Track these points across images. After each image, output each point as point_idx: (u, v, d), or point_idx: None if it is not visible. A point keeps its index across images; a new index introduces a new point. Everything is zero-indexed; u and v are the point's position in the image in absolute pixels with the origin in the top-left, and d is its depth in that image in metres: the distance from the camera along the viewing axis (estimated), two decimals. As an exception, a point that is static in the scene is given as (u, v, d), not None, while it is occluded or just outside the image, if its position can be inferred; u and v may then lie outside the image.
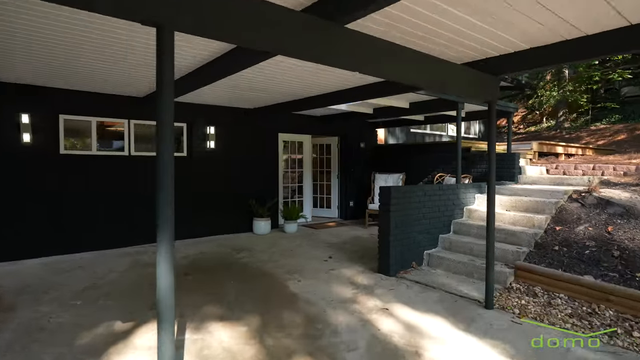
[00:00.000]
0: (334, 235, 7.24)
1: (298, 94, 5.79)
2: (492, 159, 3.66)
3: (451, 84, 3.26)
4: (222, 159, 7.14)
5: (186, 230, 6.74)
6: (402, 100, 6.32)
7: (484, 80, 3.47)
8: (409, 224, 4.85)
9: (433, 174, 8.08)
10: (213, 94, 6.02)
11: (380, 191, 4.77)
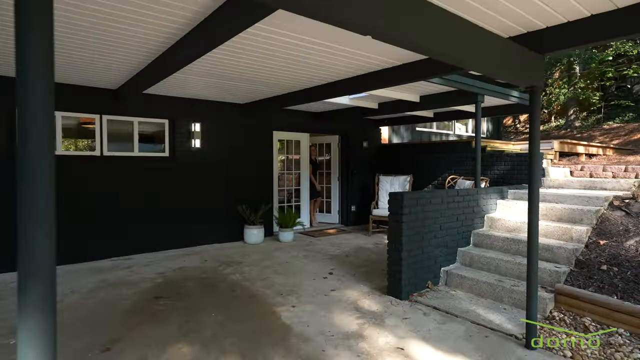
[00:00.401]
0: (335, 245, 6.49)
1: (295, 84, 5.04)
2: (536, 159, 2.90)
3: (493, 62, 2.52)
4: (210, 160, 6.39)
5: (168, 240, 5.99)
6: (411, 93, 5.57)
7: (529, 59, 2.72)
8: (423, 237, 4.10)
9: (444, 176, 7.34)
10: (198, 86, 5.27)
11: (390, 198, 4.02)
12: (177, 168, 6.07)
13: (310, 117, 7.70)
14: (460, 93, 5.15)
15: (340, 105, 6.77)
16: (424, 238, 4.11)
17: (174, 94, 5.80)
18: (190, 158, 6.19)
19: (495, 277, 3.98)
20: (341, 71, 4.21)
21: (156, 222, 5.88)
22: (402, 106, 6.06)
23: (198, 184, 6.28)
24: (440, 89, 5.21)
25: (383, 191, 7.74)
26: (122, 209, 5.57)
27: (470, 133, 13.07)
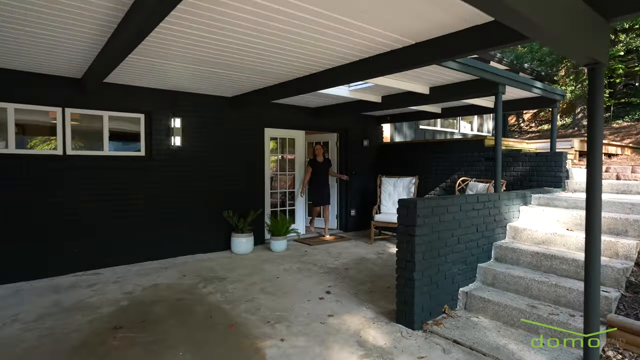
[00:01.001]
0: (333, 255, 5.80)
1: (288, 71, 4.34)
2: (597, 157, 2.22)
3: (559, 25, 1.82)
4: (192, 160, 5.69)
5: (144, 251, 5.28)
6: (421, 84, 4.88)
7: (595, 24, 2.04)
8: (439, 253, 3.41)
9: (453, 178, 6.66)
10: (177, 75, 4.58)
11: (399, 207, 3.33)
12: (154, 169, 5.36)
13: (306, 113, 7.01)
14: (477, 84, 4.47)
15: (339, 99, 6.08)
16: (440, 254, 3.42)
17: (150, 84, 5.10)
18: (169, 158, 5.49)
19: (526, 302, 3.29)
20: (342, 54, 3.52)
21: (130, 230, 5.17)
22: (409, 99, 5.37)
23: (179, 187, 5.58)
24: (455, 78, 4.53)
25: (386, 194, 7.05)
26: (89, 216, 4.86)
27: (476, 132, 12.42)
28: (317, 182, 7.08)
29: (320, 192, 7.10)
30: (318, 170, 7.06)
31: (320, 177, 7.07)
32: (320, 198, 7.12)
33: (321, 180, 7.09)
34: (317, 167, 7.07)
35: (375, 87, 5.18)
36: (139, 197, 5.24)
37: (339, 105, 6.56)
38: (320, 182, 7.09)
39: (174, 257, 5.56)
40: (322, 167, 7.10)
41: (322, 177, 7.09)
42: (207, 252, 5.87)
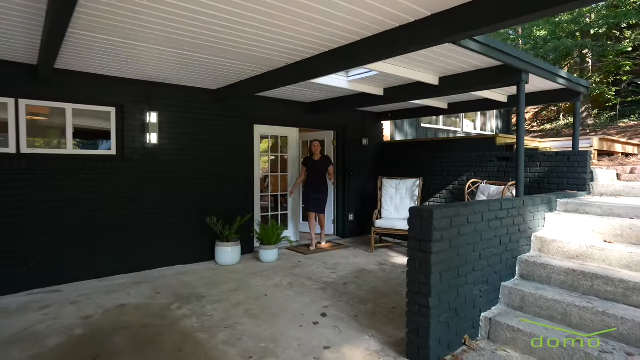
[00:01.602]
0: (329, 266, 5.18)
1: (278, 55, 3.73)
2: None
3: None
4: (171, 160, 5.05)
5: (115, 263, 4.64)
6: (429, 73, 4.28)
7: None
8: (459, 272, 2.82)
9: (461, 179, 6.06)
10: (153, 62, 3.97)
11: (411, 217, 2.72)
12: (127, 170, 4.72)
13: (300, 109, 6.39)
14: (497, 71, 3.87)
15: (337, 91, 5.47)
16: (460, 273, 2.82)
17: (122, 73, 4.46)
18: (145, 157, 4.85)
19: (565, 333, 2.70)
20: (345, 32, 2.91)
21: (98, 240, 4.53)
22: (415, 91, 4.76)
23: (156, 190, 4.94)
24: (470, 65, 3.93)
25: (387, 197, 6.45)
26: (49, 224, 4.22)
27: (479, 130, 11.86)
28: (312, 185, 6.10)
29: (314, 197, 6.08)
30: (313, 170, 6.11)
31: (315, 179, 6.09)
32: (313, 204, 6.09)
33: (316, 182, 6.08)
34: (312, 166, 6.11)
35: (378, 77, 4.58)
36: (109, 202, 4.60)
37: (336, 99, 5.95)
38: (315, 185, 6.08)
39: (150, 269, 4.92)
40: (318, 167, 6.09)
41: (318, 179, 6.09)
42: (188, 263, 5.24)
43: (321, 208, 6.17)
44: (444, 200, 6.29)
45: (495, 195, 5.22)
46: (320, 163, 6.15)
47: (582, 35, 14.52)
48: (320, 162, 6.15)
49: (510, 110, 12.84)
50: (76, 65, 4.08)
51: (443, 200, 6.31)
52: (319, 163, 6.14)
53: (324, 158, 6.21)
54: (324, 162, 6.17)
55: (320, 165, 6.14)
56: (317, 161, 6.14)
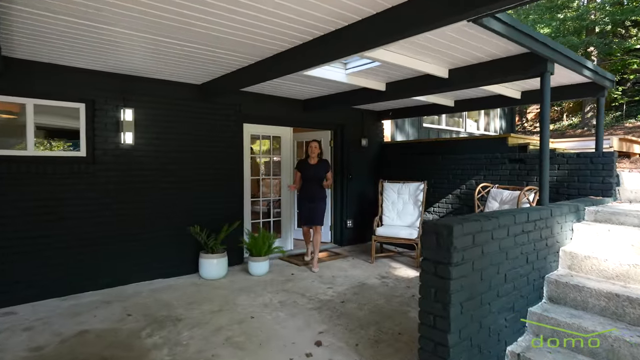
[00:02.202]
0: (325, 280, 4.67)
1: (269, 41, 3.23)
2: None
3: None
4: (149, 162, 4.54)
5: (83, 278, 4.12)
6: (438, 63, 3.78)
7: None
8: (482, 300, 2.31)
9: (469, 183, 5.57)
10: (128, 52, 3.48)
11: (424, 232, 2.21)
12: (98, 174, 4.20)
13: (294, 106, 5.89)
14: (518, 60, 3.37)
15: (334, 86, 4.97)
16: (483, 301, 2.32)
17: (93, 65, 3.95)
18: (119, 160, 4.33)
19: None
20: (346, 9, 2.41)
21: (64, 252, 4.01)
22: (421, 85, 4.27)
23: (131, 196, 4.42)
24: (486, 54, 3.43)
25: (388, 203, 5.95)
26: (6, 235, 3.70)
27: (482, 131, 11.39)
28: (306, 194, 5.14)
29: (309, 206, 5.13)
30: (309, 176, 5.12)
31: (311, 187, 5.11)
32: (308, 216, 5.16)
33: (312, 190, 5.10)
34: (307, 172, 5.13)
35: (380, 70, 4.08)
36: (77, 210, 4.08)
37: (333, 96, 5.45)
38: (310, 193, 5.11)
39: (125, 284, 4.40)
40: (315, 172, 5.09)
41: (314, 187, 5.11)
42: (169, 276, 4.71)
43: (317, 220, 5.14)
44: (450, 205, 5.79)
45: (509, 201, 4.72)
46: (317, 168, 5.15)
47: (587, 33, 14.09)
48: (318, 167, 5.15)
49: (514, 110, 12.39)
50: (37, 54, 3.57)
51: (449, 205, 5.81)
52: (315, 168, 5.14)
53: (321, 162, 5.19)
54: (321, 167, 5.17)
55: (317, 170, 5.14)
56: (314, 165, 5.14)
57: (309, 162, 5.19)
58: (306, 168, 5.18)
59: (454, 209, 5.76)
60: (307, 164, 5.20)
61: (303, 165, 5.24)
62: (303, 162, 5.26)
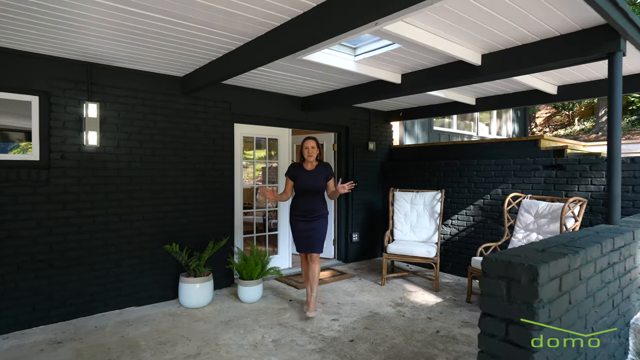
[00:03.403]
0: (330, 309, 3.91)
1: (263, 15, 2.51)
2: None
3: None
4: (119, 169, 3.80)
5: (35, 309, 3.35)
6: (469, 45, 3.06)
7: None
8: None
9: (494, 193, 4.83)
10: (92, 31, 2.74)
11: (486, 276, 1.46)
12: (54, 182, 3.46)
13: (293, 105, 5.16)
14: (580, 39, 2.64)
15: (338, 81, 4.25)
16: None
17: (48, 48, 3.24)
18: (81, 165, 3.59)
19: None
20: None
21: (11, 278, 3.26)
22: (445, 75, 3.54)
23: (97, 208, 3.68)
24: (537, 31, 2.71)
25: (400, 215, 5.20)
26: None
27: (495, 135, 10.67)
28: (301, 210, 3.73)
29: (305, 228, 3.70)
30: (304, 185, 3.70)
31: (308, 200, 3.72)
32: (304, 240, 3.73)
33: (309, 205, 3.71)
34: (302, 179, 3.70)
35: (396, 54, 3.34)
36: (28, 225, 3.33)
37: (337, 92, 4.73)
38: (306, 209, 3.71)
39: (89, 314, 3.64)
40: (312, 181, 3.70)
41: (311, 201, 3.71)
42: (143, 303, 3.95)
43: (317, 245, 3.71)
44: (472, 218, 5.05)
45: (547, 215, 3.98)
46: (315, 175, 3.72)
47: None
48: (316, 174, 3.73)
49: (527, 113, 11.69)
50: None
51: (471, 218, 5.06)
52: (313, 175, 3.72)
53: (320, 167, 3.79)
54: (320, 173, 3.75)
55: (316, 177, 3.71)
56: (311, 172, 3.73)
57: (304, 168, 3.76)
58: (301, 175, 3.72)
59: (476, 222, 5.01)
60: (301, 169, 3.75)
61: (296, 171, 3.76)
62: (296, 168, 3.79)
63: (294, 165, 3.86)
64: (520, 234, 4.18)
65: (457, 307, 3.97)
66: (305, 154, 3.74)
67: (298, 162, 3.85)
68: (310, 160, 3.76)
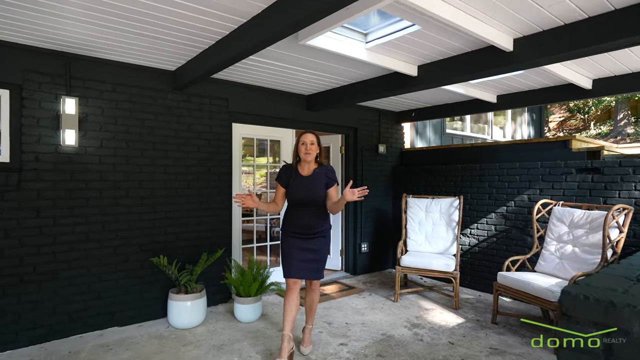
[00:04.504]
0: (337, 330, 3.44)
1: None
2: None
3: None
4: (102, 171, 3.39)
5: (6, 332, 2.94)
6: (501, 30, 2.62)
7: None
8: None
9: (520, 199, 4.35)
10: (69, 13, 2.35)
11: (566, 319, 1.01)
12: (26, 186, 3.06)
13: (297, 104, 4.75)
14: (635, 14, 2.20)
15: (345, 74, 3.82)
16: None
17: (19, 35, 2.86)
18: (57, 167, 3.19)
19: None
20: None
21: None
22: (469, 64, 3.10)
23: (76, 217, 3.27)
24: (588, 4, 2.27)
25: (414, 223, 4.74)
26: None
27: (510, 138, 10.18)
28: (296, 226, 2.87)
29: (302, 247, 2.85)
30: (299, 195, 2.84)
31: (303, 214, 2.85)
32: (297, 261, 2.84)
33: (306, 220, 2.85)
34: (297, 187, 2.84)
35: (412, 40, 2.91)
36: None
37: (344, 89, 4.30)
38: (302, 224, 2.85)
39: (65, 336, 3.22)
40: (309, 190, 2.82)
41: (309, 214, 2.85)
42: (127, 323, 3.52)
43: (317, 270, 2.90)
44: (494, 227, 4.56)
45: (585, 225, 3.49)
46: (311, 181, 2.85)
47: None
48: (313, 179, 2.85)
49: (543, 116, 11.17)
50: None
51: (493, 227, 4.58)
52: (309, 181, 2.84)
53: (320, 170, 2.89)
54: (319, 179, 2.85)
55: (312, 184, 2.84)
56: (307, 177, 2.86)
57: (298, 172, 2.89)
58: (294, 181, 2.86)
59: (498, 232, 4.53)
60: (295, 174, 2.89)
61: (289, 175, 2.89)
62: (289, 171, 2.91)
63: (287, 168, 2.93)
64: (552, 246, 3.69)
65: (482, 330, 3.48)
66: (302, 152, 2.80)
67: (293, 167, 2.91)
68: (308, 161, 2.82)
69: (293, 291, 2.86)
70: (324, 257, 2.94)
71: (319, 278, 2.95)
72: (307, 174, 2.87)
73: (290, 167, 2.93)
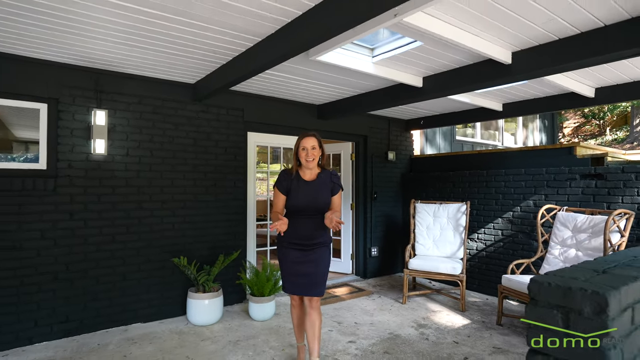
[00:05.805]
0: (346, 330, 3.61)
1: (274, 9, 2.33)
2: None
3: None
4: (128, 178, 3.67)
5: (37, 324, 3.20)
6: (498, 44, 2.79)
7: None
8: None
9: (525, 205, 4.46)
10: (100, 35, 2.64)
11: (533, 304, 1.18)
12: (60, 191, 3.35)
13: (308, 113, 4.98)
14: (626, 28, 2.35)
15: (353, 85, 4.03)
16: None
17: (57, 55, 3.16)
18: (88, 174, 3.48)
19: None
20: None
21: (13, 292, 3.13)
22: (471, 76, 3.27)
23: (104, 220, 3.54)
24: (581, 22, 2.43)
25: (422, 227, 4.89)
26: None
27: (521, 145, 10.20)
28: (296, 237, 2.63)
29: (300, 261, 2.63)
30: (300, 202, 2.63)
31: (304, 223, 2.62)
32: (296, 276, 2.64)
33: (306, 229, 2.62)
34: (298, 194, 2.63)
35: (417, 54, 3.11)
36: (32, 236, 3.22)
37: (354, 98, 4.51)
38: (302, 235, 2.63)
39: (94, 330, 3.47)
40: (311, 197, 2.62)
41: (310, 224, 2.62)
42: (150, 319, 3.76)
43: (317, 286, 2.61)
44: (501, 232, 4.68)
45: (588, 230, 3.60)
46: (316, 187, 2.66)
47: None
48: (318, 185, 2.66)
49: (556, 122, 11.16)
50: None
51: (499, 232, 4.69)
52: (314, 187, 2.65)
53: (324, 175, 2.70)
54: (324, 184, 2.67)
55: (317, 190, 2.65)
56: (311, 183, 2.66)
57: (300, 177, 2.68)
58: (296, 187, 2.64)
59: (505, 237, 4.64)
60: (297, 179, 2.67)
61: (290, 181, 2.67)
62: (290, 177, 2.68)
63: (286, 173, 2.69)
64: (556, 250, 3.80)
65: (487, 330, 3.60)
66: (303, 157, 2.59)
67: (292, 169, 2.70)
68: (310, 167, 2.63)
69: (296, 307, 2.79)
70: (324, 270, 2.63)
71: (319, 295, 2.60)
72: (311, 178, 2.66)
73: (290, 171, 2.69)
